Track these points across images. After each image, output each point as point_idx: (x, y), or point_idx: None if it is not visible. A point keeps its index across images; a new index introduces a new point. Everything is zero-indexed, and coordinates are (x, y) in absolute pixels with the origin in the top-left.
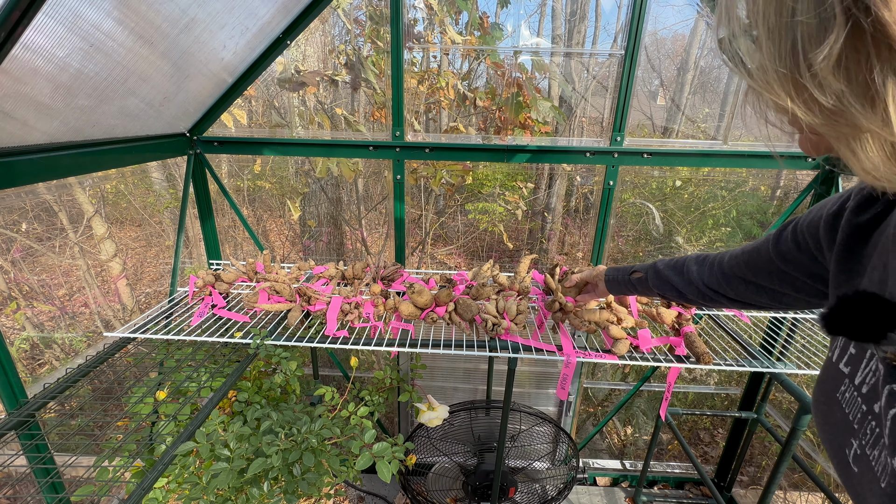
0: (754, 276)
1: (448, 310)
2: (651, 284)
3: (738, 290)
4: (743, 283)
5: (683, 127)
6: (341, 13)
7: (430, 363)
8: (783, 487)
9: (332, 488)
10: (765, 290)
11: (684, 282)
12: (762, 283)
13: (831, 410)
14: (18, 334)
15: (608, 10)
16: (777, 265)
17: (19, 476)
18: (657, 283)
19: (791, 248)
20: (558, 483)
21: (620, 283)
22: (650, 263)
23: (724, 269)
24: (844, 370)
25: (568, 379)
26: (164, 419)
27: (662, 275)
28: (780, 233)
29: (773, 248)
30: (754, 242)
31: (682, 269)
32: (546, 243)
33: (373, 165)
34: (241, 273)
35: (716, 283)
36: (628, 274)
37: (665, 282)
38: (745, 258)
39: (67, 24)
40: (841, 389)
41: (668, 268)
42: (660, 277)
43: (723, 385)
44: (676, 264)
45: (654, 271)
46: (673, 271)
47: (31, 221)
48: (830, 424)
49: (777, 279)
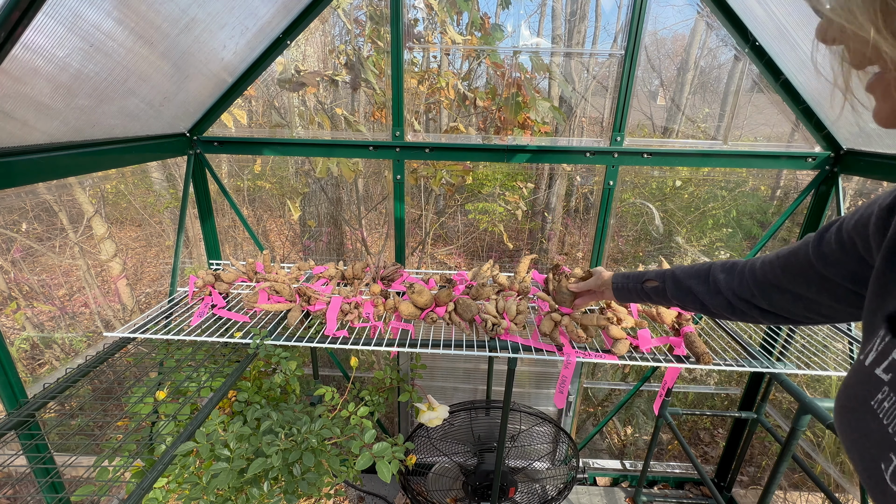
0: (791, 283)
1: (448, 310)
2: (669, 295)
3: (771, 300)
4: (777, 291)
5: (683, 127)
6: (341, 13)
7: (430, 363)
8: (783, 487)
9: (332, 488)
10: (801, 299)
11: (710, 292)
12: (799, 292)
13: (862, 419)
14: (18, 334)
15: (608, 10)
16: (817, 270)
17: (19, 476)
18: (677, 293)
19: (834, 249)
20: (558, 483)
21: (631, 291)
22: (665, 271)
23: (756, 277)
24: (883, 377)
25: (567, 381)
26: (164, 419)
27: (683, 284)
28: (822, 234)
29: (814, 251)
30: (790, 247)
31: (707, 277)
32: (546, 243)
33: (373, 165)
34: (240, 273)
35: (747, 293)
36: (640, 282)
37: (687, 292)
38: (781, 263)
39: (67, 24)
40: (877, 397)
41: (689, 276)
42: (680, 287)
43: (723, 385)
44: (700, 272)
45: (674, 280)
46: (697, 280)
47: (31, 221)
48: (861, 434)
49: (816, 287)
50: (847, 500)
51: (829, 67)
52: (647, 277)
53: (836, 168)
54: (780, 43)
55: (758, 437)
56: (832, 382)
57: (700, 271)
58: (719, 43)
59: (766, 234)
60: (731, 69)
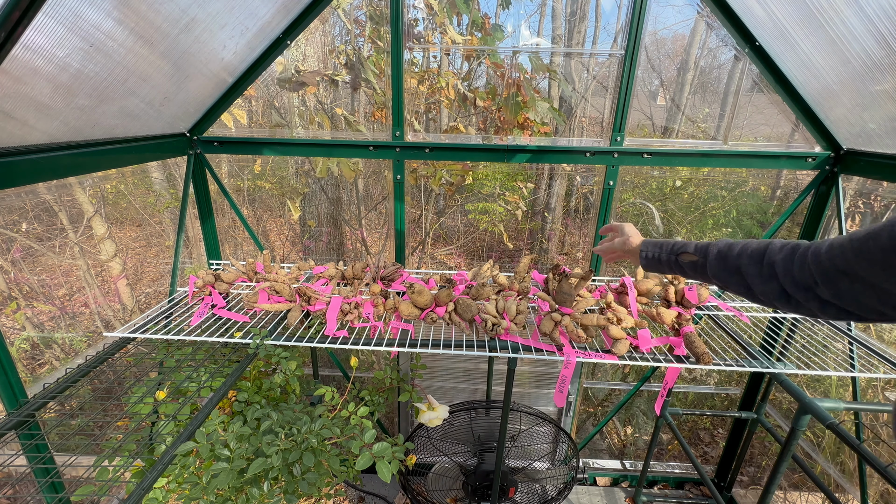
0: (865, 270)
1: (448, 310)
2: (710, 273)
3: (837, 290)
4: (846, 279)
5: (683, 127)
6: (341, 13)
7: (430, 363)
8: (783, 487)
9: (332, 488)
10: (874, 289)
11: (762, 275)
12: (874, 281)
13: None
14: (18, 334)
15: (608, 10)
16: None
17: (19, 476)
18: (721, 272)
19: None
20: (558, 483)
21: (663, 263)
22: (708, 244)
23: (821, 262)
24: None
25: (567, 381)
26: (164, 419)
27: (730, 263)
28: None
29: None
30: (868, 228)
31: (762, 258)
32: (546, 243)
33: (373, 165)
34: (240, 273)
35: (808, 279)
36: (675, 254)
37: (734, 272)
38: (855, 247)
39: (67, 24)
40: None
41: (740, 254)
42: (726, 265)
43: (723, 385)
44: (754, 252)
45: (719, 257)
46: (749, 260)
47: (31, 221)
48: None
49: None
50: (847, 500)
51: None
52: (683, 250)
53: (836, 168)
54: (780, 43)
55: (758, 437)
56: (832, 382)
57: (755, 251)
58: (719, 43)
59: (765, 234)
60: (731, 69)
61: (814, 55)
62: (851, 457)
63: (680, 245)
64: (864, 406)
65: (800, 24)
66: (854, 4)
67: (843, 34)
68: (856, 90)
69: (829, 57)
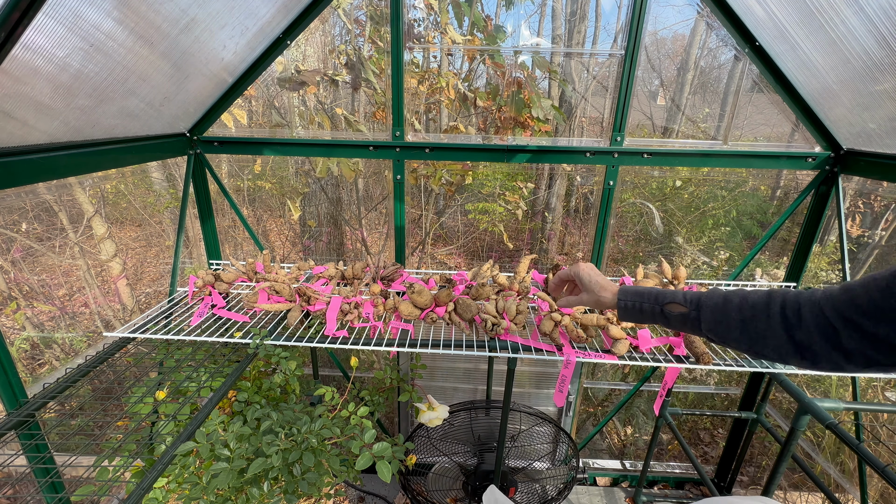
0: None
1: (448, 310)
2: (705, 328)
3: (864, 333)
4: (872, 321)
5: (683, 127)
6: (341, 13)
7: (430, 363)
8: (783, 487)
9: (332, 488)
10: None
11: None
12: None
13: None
14: (18, 334)
15: (608, 10)
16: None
17: (19, 476)
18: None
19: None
20: (558, 483)
21: (646, 313)
22: (700, 295)
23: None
24: None
25: (566, 381)
26: (164, 419)
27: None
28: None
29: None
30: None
31: (766, 308)
32: (546, 243)
33: (373, 165)
34: (240, 273)
35: (828, 327)
36: (661, 305)
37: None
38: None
39: (67, 24)
40: None
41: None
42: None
43: (723, 385)
44: (758, 302)
45: (714, 309)
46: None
47: (31, 221)
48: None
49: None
50: (847, 500)
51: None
52: (671, 300)
53: (837, 168)
54: (780, 43)
55: (758, 437)
56: (832, 382)
57: (757, 303)
58: (719, 43)
59: (766, 234)
60: (731, 69)
61: (814, 55)
62: (851, 457)
63: (667, 295)
64: (864, 406)
65: (800, 24)
66: (854, 4)
67: (844, 34)
68: (856, 90)
69: (830, 57)
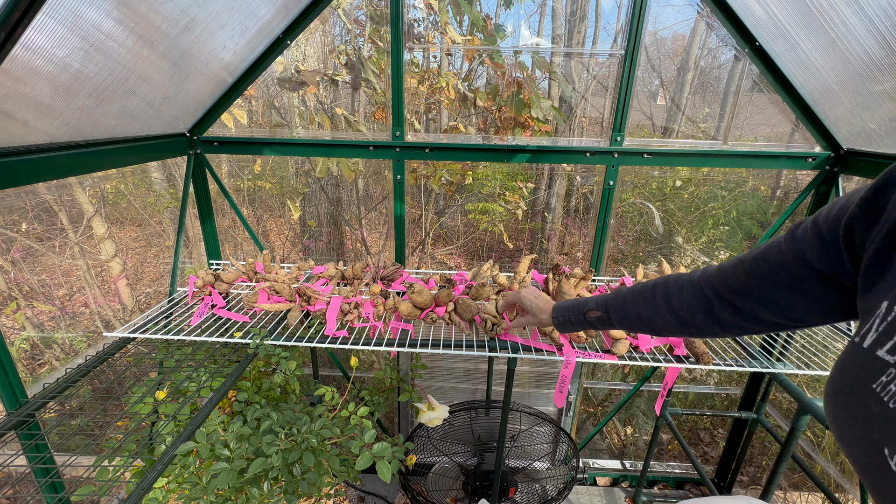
0: (759, 287)
1: (448, 310)
2: (616, 323)
3: (735, 308)
4: (741, 297)
5: (683, 127)
6: (341, 13)
7: (430, 363)
8: (783, 487)
9: (332, 488)
10: (769, 303)
11: (660, 313)
12: (768, 296)
13: (862, 402)
14: (18, 334)
15: (608, 10)
16: (790, 270)
17: (19, 476)
18: (623, 320)
19: (814, 243)
20: (558, 483)
21: (575, 324)
22: (607, 297)
23: (713, 285)
24: (888, 358)
25: (566, 381)
26: (164, 419)
27: (630, 310)
28: (794, 231)
29: (790, 249)
30: (755, 251)
31: (654, 297)
32: (546, 243)
33: (373, 165)
34: (240, 273)
35: (705, 305)
36: (582, 314)
37: (635, 318)
38: (746, 267)
39: (67, 24)
40: (881, 380)
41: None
42: (626, 314)
43: (723, 385)
44: (644, 294)
45: (618, 308)
46: (644, 303)
47: (31, 221)
48: (859, 419)
49: (787, 289)
50: (847, 500)
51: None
52: (587, 308)
53: (836, 168)
54: (780, 43)
55: (758, 437)
56: None
57: (644, 293)
58: (719, 43)
59: (766, 234)
60: (731, 69)
61: (814, 55)
62: None
63: (586, 304)
64: None
65: (800, 23)
66: (854, 4)
67: (844, 34)
68: (856, 90)
69: (830, 57)
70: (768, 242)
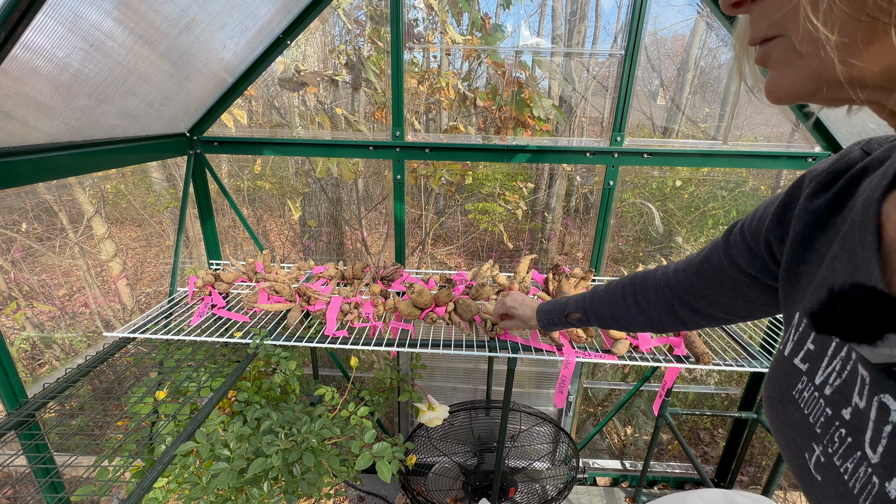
0: (707, 288)
1: (448, 310)
2: (594, 323)
3: (691, 307)
4: (694, 298)
5: (683, 127)
6: (341, 13)
7: (430, 363)
8: (783, 487)
9: (332, 488)
10: (717, 304)
11: (632, 314)
12: (715, 297)
13: (786, 409)
14: (18, 334)
15: (608, 10)
16: (730, 273)
17: (19, 476)
18: (599, 321)
19: (743, 251)
20: (558, 483)
21: (557, 325)
22: (584, 299)
23: (671, 286)
24: (801, 367)
25: (566, 381)
26: (164, 419)
27: (605, 313)
28: (728, 237)
29: (725, 255)
30: (701, 253)
31: (622, 297)
32: (546, 243)
33: (373, 165)
34: (240, 273)
35: (668, 305)
36: (564, 316)
37: (610, 319)
38: (695, 270)
39: (67, 24)
40: (798, 387)
41: (609, 303)
42: (602, 317)
43: (723, 385)
44: (612, 293)
45: (594, 312)
46: (617, 306)
47: (31, 221)
48: (786, 424)
49: (730, 290)
50: None
51: None
52: (568, 310)
53: None
54: None
55: (758, 437)
56: None
57: (616, 296)
58: (719, 43)
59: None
60: (731, 69)
61: None
62: None
63: (567, 305)
64: None
65: None
66: None
67: None
68: None
69: None
70: (713, 244)
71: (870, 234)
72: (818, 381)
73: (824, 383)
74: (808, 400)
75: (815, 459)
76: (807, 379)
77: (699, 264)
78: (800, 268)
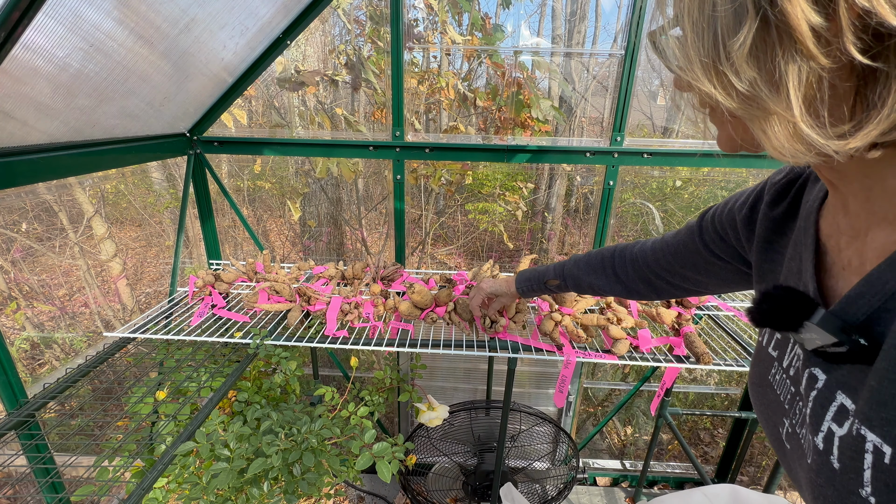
0: (682, 267)
1: (448, 310)
2: (572, 289)
3: (667, 280)
4: (669, 274)
5: (683, 127)
6: (341, 13)
7: (430, 363)
8: (783, 487)
9: (332, 488)
10: (689, 280)
11: (610, 283)
12: (688, 274)
13: (765, 392)
14: (18, 334)
15: (608, 10)
16: (704, 256)
17: (19, 476)
18: (577, 288)
19: (715, 238)
20: (558, 483)
21: (536, 290)
22: (564, 267)
23: (647, 262)
24: (773, 354)
25: (567, 381)
26: (164, 419)
27: (584, 280)
28: (700, 225)
29: (700, 240)
30: (678, 234)
31: (604, 270)
32: (546, 243)
33: (373, 165)
34: (241, 273)
35: (644, 277)
36: (543, 282)
37: (588, 287)
38: (671, 250)
39: (67, 24)
40: (772, 372)
41: (588, 272)
42: (580, 284)
43: (723, 385)
44: (592, 263)
45: (573, 278)
46: (596, 276)
47: (31, 221)
48: (765, 405)
49: (704, 270)
50: None
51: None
52: (547, 277)
53: None
54: None
55: (758, 437)
56: None
57: (592, 262)
58: None
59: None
60: None
61: None
62: None
63: (546, 273)
64: None
65: None
66: None
67: None
68: None
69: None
70: (687, 227)
71: (810, 238)
72: (785, 365)
73: (789, 366)
74: (779, 382)
75: (785, 432)
76: (777, 364)
77: (675, 245)
78: (764, 267)
